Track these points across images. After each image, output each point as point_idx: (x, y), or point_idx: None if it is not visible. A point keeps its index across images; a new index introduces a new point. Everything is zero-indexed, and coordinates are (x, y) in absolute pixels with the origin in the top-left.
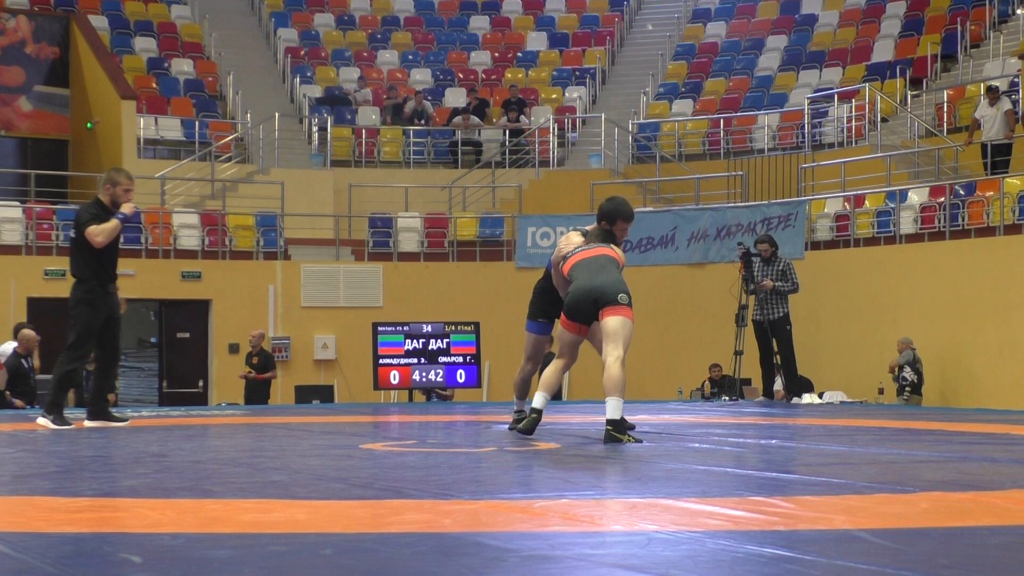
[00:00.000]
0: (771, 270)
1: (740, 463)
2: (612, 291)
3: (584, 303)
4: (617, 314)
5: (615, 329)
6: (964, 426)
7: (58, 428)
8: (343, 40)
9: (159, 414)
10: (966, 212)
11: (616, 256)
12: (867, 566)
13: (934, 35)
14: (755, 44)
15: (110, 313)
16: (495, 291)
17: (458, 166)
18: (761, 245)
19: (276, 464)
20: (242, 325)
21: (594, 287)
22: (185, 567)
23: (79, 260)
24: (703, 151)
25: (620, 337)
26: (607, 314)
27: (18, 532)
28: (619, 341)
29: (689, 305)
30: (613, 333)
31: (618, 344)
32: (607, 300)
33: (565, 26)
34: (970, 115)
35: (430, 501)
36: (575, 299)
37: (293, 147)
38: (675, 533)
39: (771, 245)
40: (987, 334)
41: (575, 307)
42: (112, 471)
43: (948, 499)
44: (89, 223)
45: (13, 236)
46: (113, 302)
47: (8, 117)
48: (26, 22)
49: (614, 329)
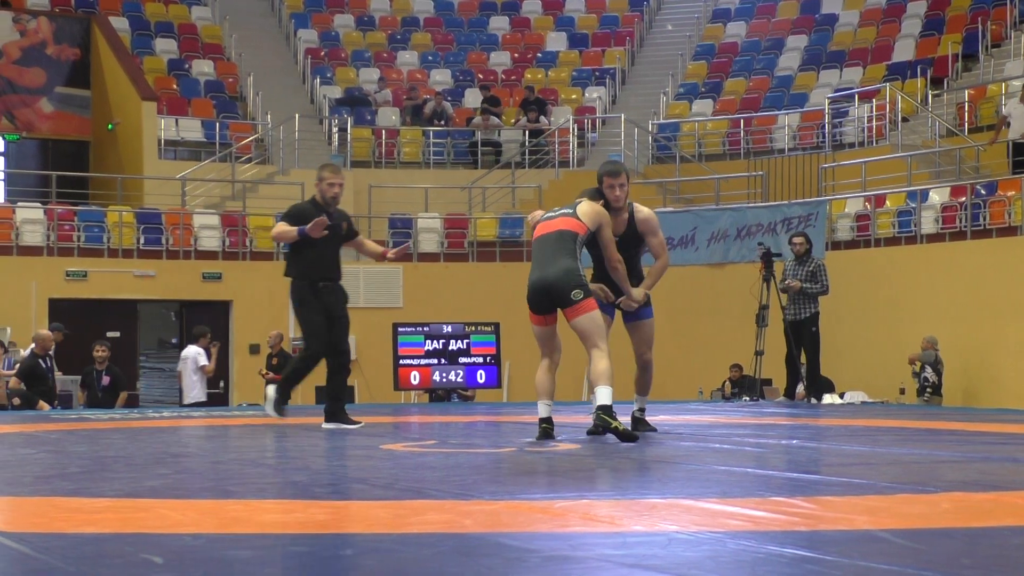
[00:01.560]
0: (802, 270)
1: (761, 463)
2: (563, 289)
3: (539, 297)
4: (579, 314)
5: (585, 328)
6: (986, 426)
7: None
8: (363, 41)
9: (180, 415)
10: (987, 212)
11: (574, 225)
12: (889, 567)
13: (955, 34)
14: (775, 44)
15: (330, 312)
16: (515, 291)
17: (478, 166)
18: (797, 239)
19: (296, 465)
20: (262, 326)
21: (545, 282)
22: (206, 567)
23: (287, 257)
24: (723, 151)
25: (592, 334)
26: (569, 316)
27: (40, 533)
28: (594, 337)
29: (709, 305)
30: (585, 333)
31: (595, 340)
32: (562, 302)
33: (585, 26)
34: (991, 114)
35: (451, 501)
36: (531, 293)
37: (313, 148)
38: (696, 534)
39: (807, 241)
40: (1009, 334)
41: (533, 301)
42: (133, 472)
43: (970, 499)
44: (282, 219)
45: (34, 237)
46: (331, 300)
47: (29, 118)
48: (47, 23)
49: (584, 329)
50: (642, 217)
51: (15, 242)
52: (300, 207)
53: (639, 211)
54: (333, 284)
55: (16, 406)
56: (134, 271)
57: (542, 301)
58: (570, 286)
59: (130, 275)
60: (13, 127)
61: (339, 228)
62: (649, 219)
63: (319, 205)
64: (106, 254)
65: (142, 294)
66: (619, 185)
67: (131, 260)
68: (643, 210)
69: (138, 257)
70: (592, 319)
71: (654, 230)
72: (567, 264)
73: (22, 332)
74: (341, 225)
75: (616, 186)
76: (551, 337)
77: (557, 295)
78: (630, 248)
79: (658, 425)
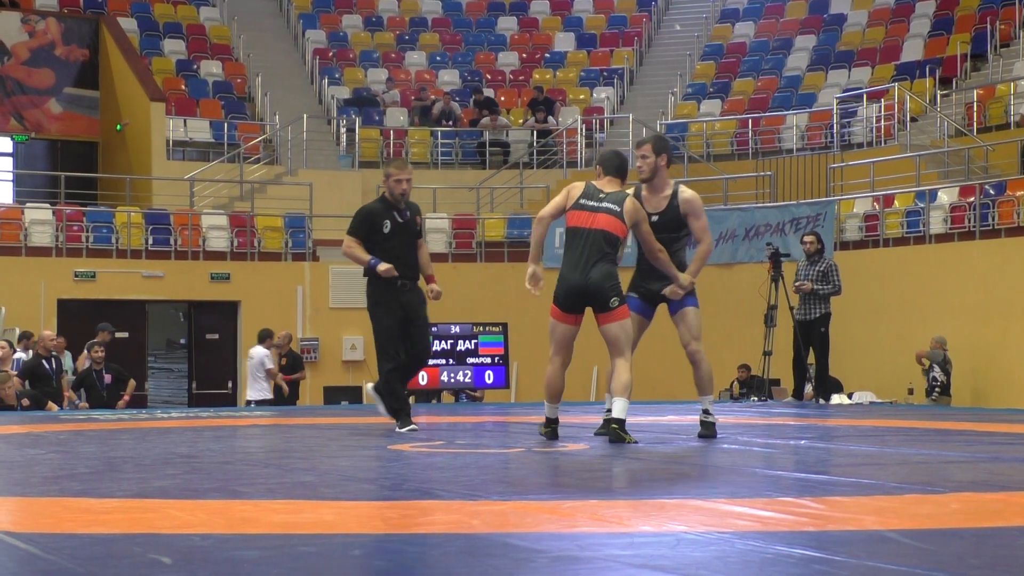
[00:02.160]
0: (814, 270)
1: (769, 464)
2: (603, 296)
3: (575, 298)
4: (613, 320)
5: (615, 336)
6: (994, 426)
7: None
8: (371, 41)
9: (188, 415)
10: (996, 212)
11: (619, 228)
12: (897, 567)
13: (963, 34)
14: (783, 44)
15: (406, 312)
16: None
17: (486, 167)
18: (808, 238)
19: (305, 465)
20: (271, 326)
21: (586, 285)
22: (215, 568)
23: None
24: (731, 151)
25: (622, 342)
26: (603, 321)
27: (48, 533)
28: (623, 347)
29: (717, 306)
30: (615, 340)
31: (622, 349)
32: (600, 307)
33: (593, 27)
34: (1000, 114)
35: (458, 502)
36: (566, 292)
37: (321, 148)
38: (704, 534)
39: (818, 241)
40: (1017, 334)
41: (567, 301)
42: (142, 472)
43: (979, 500)
44: (352, 230)
45: (43, 238)
46: (408, 300)
47: (38, 119)
48: (56, 24)
49: (615, 336)
50: (685, 198)
51: (24, 243)
52: (370, 209)
53: (683, 192)
54: (412, 283)
55: (25, 407)
56: (142, 272)
57: (577, 302)
58: (609, 295)
59: (138, 276)
60: (22, 128)
61: (414, 224)
62: (692, 200)
63: (389, 203)
64: (115, 255)
65: (150, 295)
66: (641, 156)
67: (139, 261)
68: (687, 191)
69: (146, 258)
70: (623, 327)
71: (697, 212)
72: (608, 269)
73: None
74: (415, 220)
75: (639, 157)
76: (572, 338)
77: (596, 298)
78: (671, 230)
79: (666, 425)
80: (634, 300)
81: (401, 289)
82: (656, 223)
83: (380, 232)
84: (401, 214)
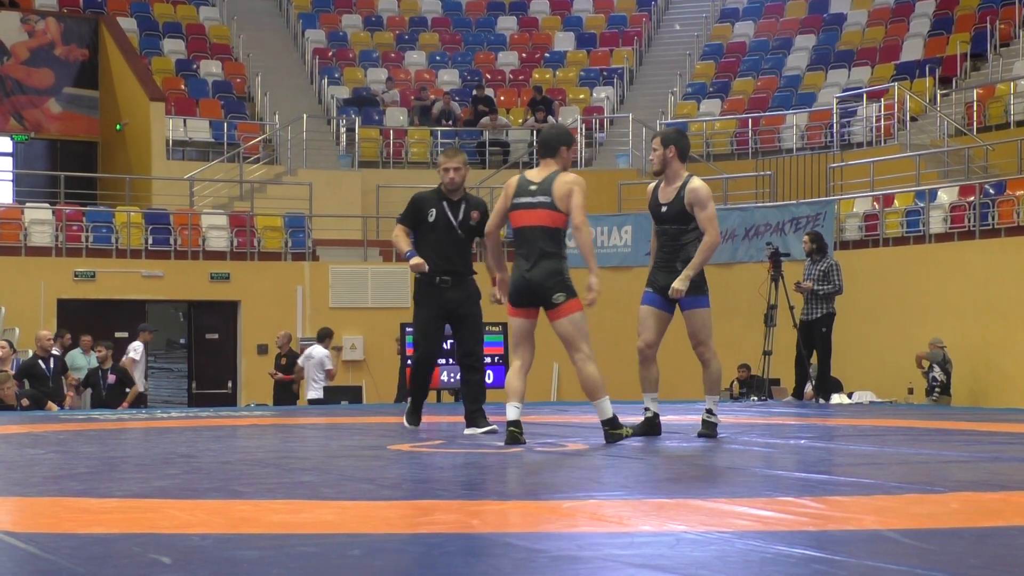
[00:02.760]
0: (815, 270)
1: (769, 463)
2: (544, 292)
3: (524, 294)
4: (560, 316)
5: (565, 332)
6: (994, 426)
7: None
8: (371, 41)
9: (188, 415)
10: (996, 211)
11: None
12: (897, 567)
13: (963, 34)
14: (783, 43)
15: (447, 310)
16: None
17: (486, 167)
18: (805, 237)
19: (305, 465)
20: (271, 326)
21: (530, 282)
22: (214, 568)
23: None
24: (731, 151)
25: (574, 338)
26: (551, 318)
27: (48, 533)
28: (575, 341)
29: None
30: (566, 337)
31: (576, 344)
32: (546, 304)
33: (592, 26)
34: (1000, 113)
35: (459, 502)
36: (513, 288)
37: (321, 148)
38: (704, 533)
39: (812, 241)
40: (1017, 334)
41: (515, 297)
42: (142, 472)
43: (979, 499)
44: (400, 217)
45: (43, 238)
46: (450, 298)
47: (38, 119)
48: (55, 24)
49: (564, 333)
50: (691, 187)
51: (24, 243)
52: (419, 196)
53: (691, 182)
54: (456, 279)
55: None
56: (142, 271)
57: (525, 299)
58: (553, 288)
59: (138, 275)
60: (22, 128)
61: (467, 218)
62: (697, 190)
63: (441, 193)
64: (114, 254)
65: (150, 294)
66: (653, 149)
67: (139, 260)
68: (695, 181)
69: (146, 257)
70: (573, 322)
71: (702, 202)
72: (551, 266)
73: (30, 333)
74: (471, 215)
75: (652, 149)
76: (528, 333)
77: (539, 296)
78: (678, 222)
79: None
80: (648, 294)
81: (441, 287)
82: (664, 214)
83: (425, 222)
84: (453, 206)
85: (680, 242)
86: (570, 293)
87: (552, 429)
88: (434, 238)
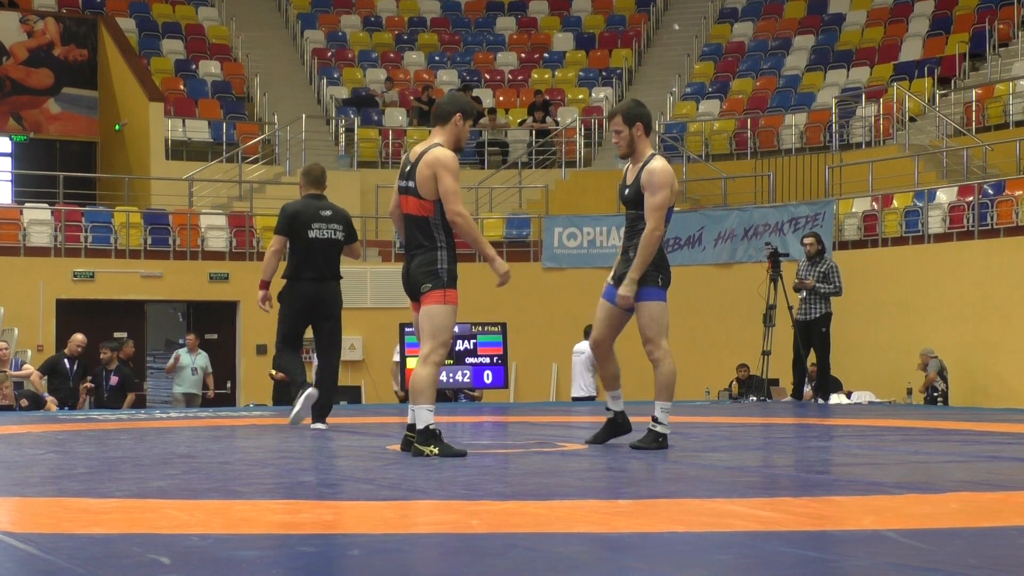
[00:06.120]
0: (815, 271)
1: (768, 463)
2: (415, 282)
3: (406, 289)
4: (419, 307)
5: (421, 326)
6: (993, 426)
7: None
8: (370, 41)
9: (187, 415)
10: (995, 211)
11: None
12: (896, 567)
13: (962, 34)
14: (782, 44)
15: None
16: (522, 292)
17: (485, 167)
18: (808, 239)
19: (304, 465)
20: (270, 327)
21: (406, 278)
22: (213, 568)
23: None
24: (730, 151)
25: (425, 332)
26: (415, 309)
27: (47, 533)
28: (423, 336)
29: (716, 305)
30: (420, 330)
31: (423, 339)
32: (416, 294)
33: (591, 27)
34: (999, 114)
35: (458, 502)
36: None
37: (320, 148)
38: (704, 534)
39: (817, 242)
40: (1016, 334)
41: (404, 287)
42: (141, 472)
43: (978, 499)
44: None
45: (42, 238)
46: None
47: (37, 119)
48: (54, 24)
49: (420, 326)
50: (649, 167)
51: (22, 243)
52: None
53: (652, 161)
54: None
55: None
56: (141, 272)
57: (409, 293)
58: (422, 279)
59: (137, 276)
60: (21, 128)
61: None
62: (652, 171)
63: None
64: (113, 255)
65: (149, 295)
66: (614, 132)
67: (138, 261)
68: (655, 162)
69: (145, 258)
70: (429, 315)
71: (653, 186)
72: (425, 257)
73: (29, 333)
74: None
75: (613, 132)
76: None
77: (412, 288)
78: (635, 206)
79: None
80: (607, 287)
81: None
82: (625, 196)
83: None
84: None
85: (637, 228)
86: (438, 283)
87: (552, 429)
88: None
